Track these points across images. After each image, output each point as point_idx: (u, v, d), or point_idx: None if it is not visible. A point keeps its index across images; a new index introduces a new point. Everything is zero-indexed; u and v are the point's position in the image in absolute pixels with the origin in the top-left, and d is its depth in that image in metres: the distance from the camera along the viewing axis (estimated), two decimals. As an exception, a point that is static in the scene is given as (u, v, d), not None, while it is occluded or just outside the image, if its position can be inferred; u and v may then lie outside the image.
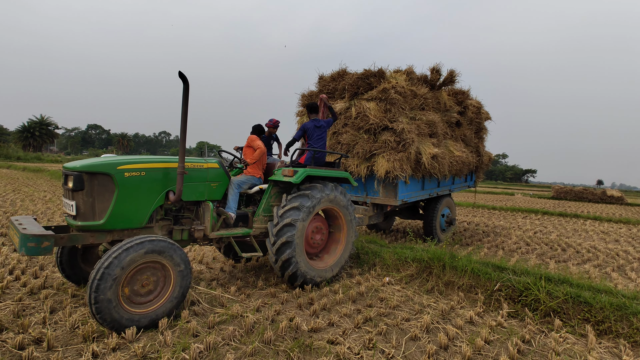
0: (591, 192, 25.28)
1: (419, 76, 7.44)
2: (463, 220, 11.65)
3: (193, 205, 4.20)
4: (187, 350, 2.86)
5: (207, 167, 4.20)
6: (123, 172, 3.49)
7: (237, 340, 3.14)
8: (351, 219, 5.08)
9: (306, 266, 4.44)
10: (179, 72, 3.49)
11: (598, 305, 3.85)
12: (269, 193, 4.67)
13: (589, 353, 3.26)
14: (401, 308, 4.12)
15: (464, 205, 16.05)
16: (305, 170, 4.54)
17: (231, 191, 4.44)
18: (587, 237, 9.67)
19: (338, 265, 4.93)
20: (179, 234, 4.06)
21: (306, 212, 4.39)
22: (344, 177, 5.12)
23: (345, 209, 4.99)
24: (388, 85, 6.51)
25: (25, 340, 2.92)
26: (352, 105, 6.82)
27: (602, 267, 6.47)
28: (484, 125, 9.33)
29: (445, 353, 3.15)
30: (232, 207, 4.41)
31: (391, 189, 6.58)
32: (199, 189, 4.11)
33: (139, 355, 2.80)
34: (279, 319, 3.61)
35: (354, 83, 6.87)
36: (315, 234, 4.84)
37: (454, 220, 8.27)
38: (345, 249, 5.05)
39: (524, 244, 8.16)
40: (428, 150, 6.60)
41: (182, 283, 3.40)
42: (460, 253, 5.80)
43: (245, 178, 4.69)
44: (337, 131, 6.96)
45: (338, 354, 2.96)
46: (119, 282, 3.02)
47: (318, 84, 7.71)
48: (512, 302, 4.25)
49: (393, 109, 6.45)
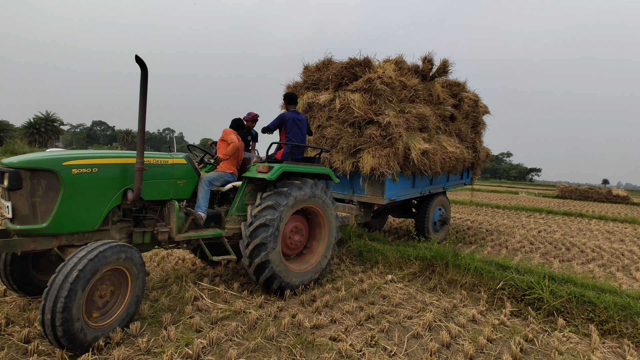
0: (596, 191, 25.08)
1: (410, 66, 6.93)
2: (466, 219, 11.61)
3: (157, 205, 3.84)
4: (190, 345, 2.88)
5: (172, 162, 3.84)
6: (70, 168, 3.11)
7: (240, 336, 3.16)
8: (333, 219, 4.74)
9: (283, 269, 4.11)
10: (136, 56, 3.13)
11: (602, 305, 3.83)
12: (242, 191, 4.31)
13: (592, 353, 3.25)
14: (403, 306, 4.12)
15: (467, 204, 15.99)
16: (281, 166, 4.20)
17: (201, 189, 4.07)
18: (592, 236, 9.60)
19: (318, 268, 4.58)
20: (139, 237, 3.65)
21: (283, 211, 4.05)
22: (325, 173, 4.78)
23: (326, 207, 4.64)
24: (373, 75, 6.04)
25: (30, 334, 2.95)
26: (337, 96, 6.36)
27: (607, 267, 6.43)
28: (482, 120, 8.79)
29: (447, 351, 3.15)
30: (202, 207, 4.03)
31: (378, 187, 6.16)
32: (163, 187, 3.74)
33: (143, 349, 2.82)
34: (282, 315, 3.63)
35: (338, 73, 6.41)
36: (294, 234, 4.47)
37: (448, 219, 7.91)
38: (327, 251, 4.69)
39: (528, 243, 8.12)
40: (418, 145, 6.15)
41: (138, 291, 3.11)
42: (463, 251, 5.79)
43: (217, 175, 4.32)
44: (321, 124, 6.48)
45: (340, 350, 2.97)
46: (85, 296, 2.71)
47: (303, 75, 7.23)
48: (515, 301, 4.24)
49: (379, 101, 5.97)
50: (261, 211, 4.03)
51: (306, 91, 6.91)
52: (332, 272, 5.24)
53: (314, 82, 6.90)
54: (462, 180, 8.68)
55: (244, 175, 4.35)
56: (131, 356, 2.75)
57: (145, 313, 3.46)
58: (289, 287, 4.20)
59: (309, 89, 6.95)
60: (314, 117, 6.57)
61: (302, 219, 4.63)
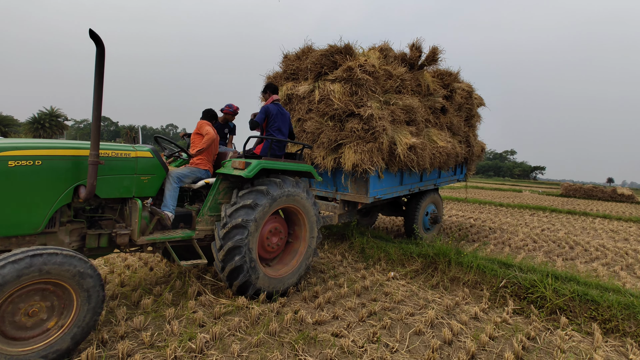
0: (601, 190, 24.93)
1: (397, 54, 6.40)
2: (469, 216, 11.58)
3: (116, 204, 3.43)
4: (193, 339, 2.91)
5: (135, 155, 3.40)
6: (6, 160, 2.66)
7: (242, 331, 3.18)
8: (315, 220, 4.42)
9: (260, 275, 3.79)
10: (90, 30, 2.69)
11: (605, 304, 3.81)
12: (216, 189, 3.94)
13: (594, 351, 3.24)
14: (406, 303, 4.12)
15: (470, 202, 15.94)
16: (259, 162, 3.85)
17: (169, 186, 3.67)
18: (596, 235, 9.55)
19: (297, 272, 4.26)
20: (94, 240, 3.24)
21: (261, 211, 3.72)
22: (307, 170, 4.44)
23: (308, 207, 4.31)
24: (354, 63, 5.53)
25: (36, 327, 2.98)
26: (316, 87, 5.85)
27: (611, 266, 6.40)
28: (476, 112, 8.26)
29: (449, 348, 3.16)
30: (169, 206, 3.63)
31: (362, 185, 5.72)
32: (124, 183, 3.32)
33: (147, 343, 2.85)
34: (284, 311, 3.65)
35: (317, 61, 5.87)
36: (272, 236, 4.12)
37: (439, 218, 7.52)
38: (306, 254, 4.36)
39: (531, 242, 8.09)
40: (404, 139, 5.65)
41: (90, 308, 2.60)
42: (466, 249, 5.78)
43: (188, 170, 3.93)
44: (301, 118, 6.00)
45: (342, 346, 2.98)
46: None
47: (282, 64, 6.67)
48: (518, 299, 4.23)
49: (360, 92, 5.47)
50: (236, 211, 3.68)
51: (286, 82, 6.44)
52: (335, 268, 5.26)
53: (294, 72, 6.40)
54: (455, 176, 8.23)
55: (218, 172, 3.98)
56: (135, 349, 2.78)
57: (149, 308, 3.49)
58: (267, 294, 3.90)
59: (288, 80, 6.47)
60: (294, 109, 6.15)
61: (281, 219, 4.32)
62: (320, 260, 5.63)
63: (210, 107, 4.56)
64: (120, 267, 4.67)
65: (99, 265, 4.75)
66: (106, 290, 3.87)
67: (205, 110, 4.47)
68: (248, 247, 3.66)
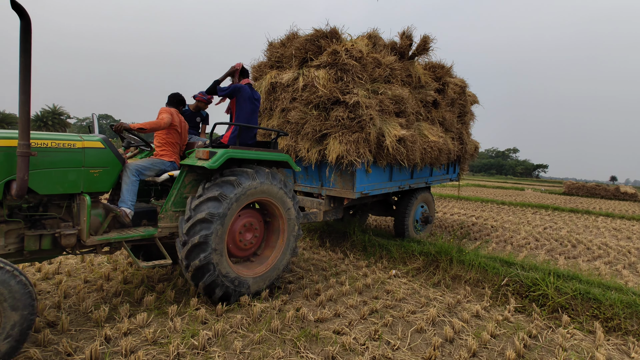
0: (604, 188, 24.81)
1: (386, 43, 6.10)
2: (471, 215, 11.56)
3: (62, 200, 3.10)
4: (196, 336, 2.93)
5: (82, 146, 3.06)
6: None
7: (244, 328, 3.20)
8: (294, 215, 4.15)
9: (229, 274, 3.53)
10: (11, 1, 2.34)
11: (607, 302, 3.81)
12: (181, 181, 3.62)
13: (596, 350, 3.24)
14: (407, 301, 4.13)
15: (473, 200, 15.91)
16: (226, 152, 3.53)
17: (126, 179, 3.35)
18: (599, 233, 9.52)
19: (275, 271, 3.99)
20: (35, 242, 2.90)
21: (229, 204, 3.44)
22: (283, 160, 4.11)
23: (286, 201, 4.02)
24: (339, 46, 5.24)
25: (40, 324, 3.02)
26: (300, 74, 5.52)
27: (613, 264, 6.38)
28: (470, 109, 7.93)
29: (450, 346, 3.17)
30: (127, 201, 3.33)
31: (348, 179, 5.35)
32: (69, 178, 2.97)
33: (150, 340, 2.87)
34: (286, 308, 3.66)
35: (302, 47, 5.55)
36: (246, 232, 3.84)
37: (431, 217, 7.24)
38: (284, 252, 4.07)
39: (533, 240, 8.08)
40: (393, 131, 5.32)
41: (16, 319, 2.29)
42: (467, 247, 5.78)
43: (150, 162, 3.61)
44: (285, 107, 5.65)
45: (344, 344, 2.99)
46: None
47: (267, 52, 6.31)
48: (520, 297, 4.23)
49: (346, 78, 5.12)
50: (202, 203, 3.39)
51: (270, 70, 6.09)
52: (337, 266, 5.27)
53: (278, 60, 6.07)
54: (447, 175, 7.96)
55: (182, 163, 3.67)
56: (138, 346, 2.80)
57: (152, 305, 3.51)
58: (237, 295, 3.64)
59: (273, 68, 6.13)
60: (278, 99, 5.78)
61: (256, 214, 4.01)
62: (322, 258, 5.64)
63: (176, 92, 4.13)
64: (123, 265, 4.70)
65: (102, 263, 4.78)
66: (110, 287, 3.90)
67: (170, 95, 4.06)
68: (215, 243, 3.37)
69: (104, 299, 3.65)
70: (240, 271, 3.74)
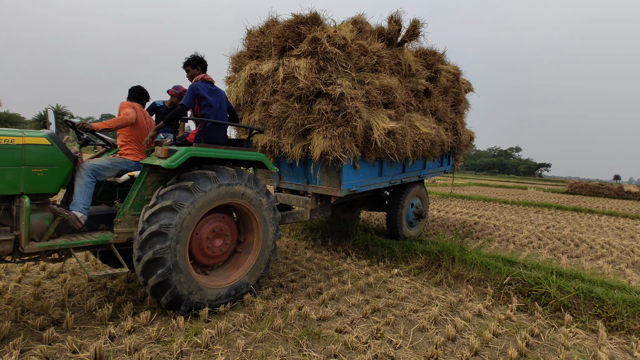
0: (607, 187, 24.70)
1: (373, 28, 5.62)
2: (474, 214, 11.55)
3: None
4: (199, 334, 2.94)
5: (21, 142, 2.80)
6: None
7: (247, 326, 3.21)
8: (270, 217, 3.83)
9: (194, 287, 3.24)
10: None
11: (610, 301, 3.80)
12: (142, 182, 3.33)
13: (599, 349, 3.24)
14: (409, 299, 4.14)
15: (475, 199, 15.88)
16: (187, 150, 3.20)
17: (80, 180, 3.10)
18: (602, 232, 9.49)
19: (250, 278, 3.71)
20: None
21: (187, 213, 3.10)
22: (256, 159, 3.79)
23: (258, 203, 3.69)
24: (320, 33, 4.74)
25: (45, 322, 3.04)
26: (280, 64, 5.09)
27: (616, 264, 6.36)
28: (464, 97, 7.47)
29: (452, 344, 3.17)
30: (78, 204, 3.07)
31: (334, 176, 5.02)
32: (6, 177, 2.74)
33: (153, 338, 2.89)
34: (288, 307, 3.67)
35: (281, 34, 5.09)
36: (215, 238, 3.53)
37: (424, 212, 6.86)
38: (259, 258, 3.79)
39: (536, 239, 8.06)
40: (382, 124, 4.95)
41: None
42: (470, 246, 5.78)
43: (109, 162, 3.36)
44: (266, 101, 5.20)
45: (346, 342, 3.01)
46: None
47: (246, 41, 5.82)
48: (522, 296, 4.23)
49: (329, 67, 4.68)
50: (154, 215, 3.07)
51: (250, 60, 5.63)
52: (339, 265, 5.28)
53: (257, 49, 5.59)
54: (441, 167, 7.56)
55: (142, 162, 3.38)
56: (142, 344, 2.82)
57: (155, 303, 3.53)
58: (207, 307, 3.37)
59: (252, 58, 5.66)
60: (258, 91, 5.30)
61: (227, 218, 3.69)
62: (324, 257, 5.66)
63: (138, 85, 3.84)
64: (126, 263, 4.72)
65: (105, 262, 4.80)
66: (114, 286, 3.92)
67: (130, 89, 3.76)
68: (172, 257, 3.06)
69: (107, 297, 3.68)
70: (208, 282, 3.42)
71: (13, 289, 3.73)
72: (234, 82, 5.65)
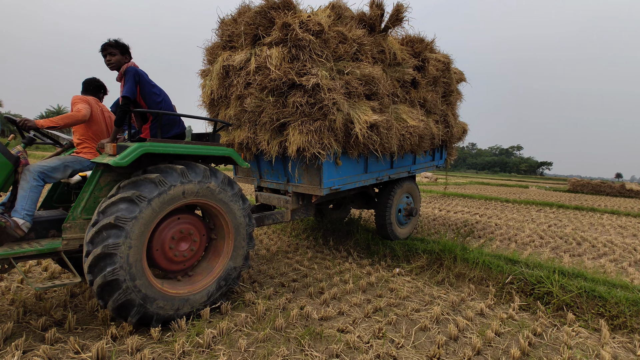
0: (609, 185, 24.62)
1: (354, 14, 5.19)
2: (475, 212, 11.53)
3: None
4: (201, 335, 2.94)
5: None
6: None
7: (249, 326, 3.21)
8: (242, 221, 3.52)
9: (149, 292, 2.88)
10: None
11: (613, 300, 3.79)
12: (94, 183, 3.01)
13: (602, 347, 3.23)
14: (411, 299, 4.13)
15: (477, 198, 15.85)
16: (140, 145, 2.89)
17: (24, 184, 2.84)
18: (604, 231, 9.46)
19: (217, 287, 3.39)
20: None
21: (149, 207, 2.80)
22: (224, 155, 3.44)
23: (229, 204, 3.37)
24: (292, 19, 4.30)
25: (47, 322, 3.05)
26: (252, 54, 4.67)
27: (619, 262, 6.34)
28: (456, 88, 7.01)
29: (455, 344, 3.17)
30: (20, 210, 2.79)
31: (315, 173, 4.68)
32: None
33: (156, 338, 2.89)
34: (290, 307, 3.67)
35: (252, 21, 4.65)
36: (180, 241, 3.20)
37: (415, 210, 6.48)
38: (229, 264, 3.47)
39: (538, 237, 8.04)
40: (363, 117, 4.58)
41: None
42: (471, 245, 5.77)
43: (61, 162, 3.08)
44: (241, 94, 4.79)
45: (348, 342, 3.00)
46: None
47: (219, 31, 5.33)
48: (524, 295, 4.22)
49: (303, 56, 4.27)
50: (112, 205, 2.76)
51: (223, 51, 5.17)
52: (340, 264, 5.28)
53: (230, 39, 5.15)
54: (433, 162, 7.15)
55: (94, 161, 3.03)
56: (144, 344, 2.83)
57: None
58: (162, 318, 2.99)
59: (225, 49, 5.21)
60: (232, 84, 4.87)
61: (195, 219, 3.36)
62: (326, 257, 5.66)
63: (93, 77, 3.54)
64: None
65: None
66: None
67: (84, 82, 3.45)
68: (126, 255, 2.72)
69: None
70: (168, 288, 3.06)
71: (15, 289, 3.74)
72: (208, 75, 5.25)
